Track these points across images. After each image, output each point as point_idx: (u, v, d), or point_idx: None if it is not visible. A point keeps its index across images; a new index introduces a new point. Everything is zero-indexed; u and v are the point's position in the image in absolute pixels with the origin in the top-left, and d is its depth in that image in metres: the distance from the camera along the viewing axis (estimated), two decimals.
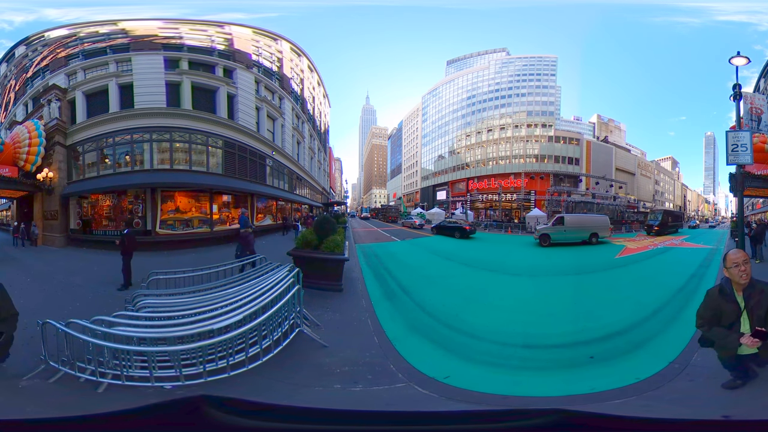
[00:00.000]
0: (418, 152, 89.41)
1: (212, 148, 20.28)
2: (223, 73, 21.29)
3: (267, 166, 24.89)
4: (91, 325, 4.49)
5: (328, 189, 55.80)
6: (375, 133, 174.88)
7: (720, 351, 3.58)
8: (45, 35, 21.38)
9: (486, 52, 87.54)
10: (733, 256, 3.48)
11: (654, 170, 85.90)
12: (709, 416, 3.16)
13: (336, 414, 3.06)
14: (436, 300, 8.40)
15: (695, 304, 3.71)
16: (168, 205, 18.67)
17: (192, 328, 4.55)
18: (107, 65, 19.35)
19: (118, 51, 19.51)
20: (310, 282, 7.94)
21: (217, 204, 20.86)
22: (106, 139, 18.76)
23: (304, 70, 35.06)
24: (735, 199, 12.72)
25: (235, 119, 21.48)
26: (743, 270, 3.39)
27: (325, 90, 47.75)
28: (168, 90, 19.21)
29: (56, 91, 18.96)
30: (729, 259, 3.47)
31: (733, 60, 10.49)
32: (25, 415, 3.11)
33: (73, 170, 19.07)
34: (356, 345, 5.48)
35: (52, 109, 18.75)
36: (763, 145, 16.70)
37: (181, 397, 3.79)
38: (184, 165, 19.20)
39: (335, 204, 58.22)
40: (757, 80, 34.98)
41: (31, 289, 8.80)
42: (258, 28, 25.32)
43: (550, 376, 4.68)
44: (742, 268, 3.39)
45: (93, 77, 19.39)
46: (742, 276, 3.39)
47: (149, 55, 19.37)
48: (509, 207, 57.63)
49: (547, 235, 21.64)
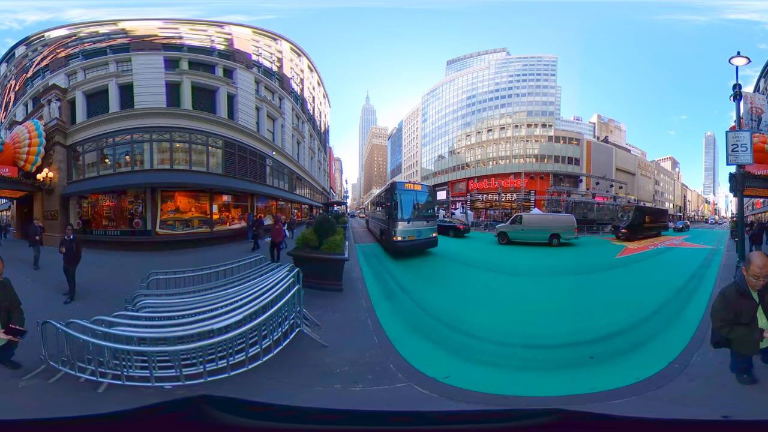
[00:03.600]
0: (418, 152, 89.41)
1: (212, 148, 20.28)
2: (223, 73, 21.28)
3: (267, 166, 24.88)
4: (91, 325, 4.49)
5: (328, 189, 55.80)
6: (375, 133, 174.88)
7: (744, 349, 3.54)
8: (45, 35, 21.37)
9: (486, 52, 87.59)
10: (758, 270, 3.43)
11: (654, 170, 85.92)
12: (709, 416, 3.16)
13: (336, 414, 3.06)
14: (435, 298, 8.40)
15: (695, 304, 3.70)
16: (168, 205, 18.66)
17: (192, 328, 4.55)
18: (107, 65, 19.34)
19: (118, 51, 19.51)
20: (310, 282, 7.93)
21: (217, 204, 20.86)
22: (106, 139, 18.75)
23: (304, 70, 35.06)
24: (735, 199, 12.71)
25: (235, 119, 21.48)
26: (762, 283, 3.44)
27: (325, 90, 47.76)
28: (168, 90, 19.20)
29: (56, 91, 18.96)
30: (753, 270, 3.45)
31: (733, 60, 10.48)
32: (25, 415, 3.11)
33: (73, 170, 19.06)
34: (356, 345, 5.47)
35: (52, 109, 18.75)
36: (763, 145, 16.68)
37: (181, 397, 3.79)
38: (184, 165, 19.19)
39: (335, 204, 58.19)
40: (757, 80, 34.98)
41: (31, 289, 8.79)
42: (258, 28, 25.33)
43: (550, 376, 4.68)
44: (762, 282, 3.42)
45: (93, 77, 19.38)
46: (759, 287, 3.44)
47: (149, 55, 19.36)
48: (509, 207, 57.61)
49: (505, 233, 21.20)
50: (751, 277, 3.45)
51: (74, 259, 8.32)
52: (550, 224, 22.38)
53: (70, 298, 8.00)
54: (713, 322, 3.61)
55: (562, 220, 23.58)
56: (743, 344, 3.50)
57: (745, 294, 3.47)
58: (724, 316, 3.52)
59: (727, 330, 3.50)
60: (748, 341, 3.45)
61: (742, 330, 3.44)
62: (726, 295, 3.55)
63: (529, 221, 21.80)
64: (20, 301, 4.49)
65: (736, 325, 3.47)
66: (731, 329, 3.48)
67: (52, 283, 8.99)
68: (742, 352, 3.58)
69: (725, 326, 3.51)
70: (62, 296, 8.08)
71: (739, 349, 3.58)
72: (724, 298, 3.56)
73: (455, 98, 75.69)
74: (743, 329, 3.44)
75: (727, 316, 3.50)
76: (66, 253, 8.34)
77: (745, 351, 3.56)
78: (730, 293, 3.53)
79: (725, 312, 3.52)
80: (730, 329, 3.49)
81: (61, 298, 8.02)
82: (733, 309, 3.48)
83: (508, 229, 21.46)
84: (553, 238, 21.23)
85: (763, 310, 3.46)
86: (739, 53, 10.45)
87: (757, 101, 16.67)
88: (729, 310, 3.49)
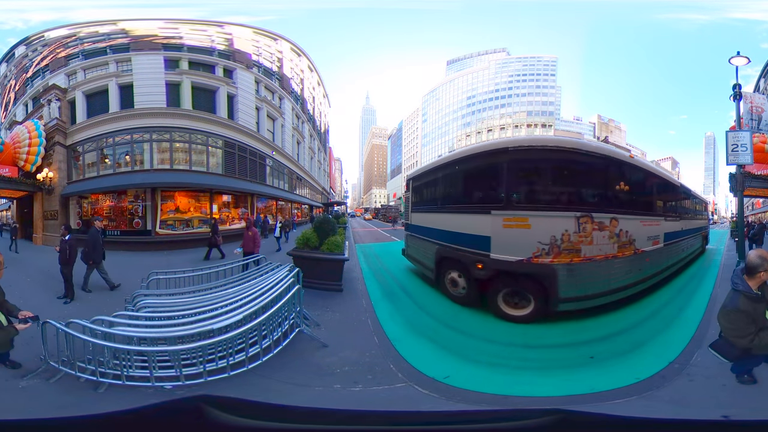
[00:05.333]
0: (418, 152, 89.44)
1: (212, 148, 20.29)
2: (223, 73, 21.30)
3: (267, 166, 24.88)
4: (92, 325, 4.49)
5: (328, 189, 55.80)
6: (375, 133, 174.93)
7: None
8: (45, 35, 21.37)
9: (486, 53, 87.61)
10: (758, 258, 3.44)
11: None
12: (709, 416, 3.17)
13: (336, 414, 3.06)
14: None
15: (696, 304, 3.69)
16: (168, 205, 18.67)
17: (192, 328, 4.55)
18: (107, 65, 19.36)
19: (118, 51, 19.53)
20: (310, 282, 7.94)
21: (217, 204, 20.86)
22: (106, 139, 18.77)
23: (304, 70, 35.07)
24: (735, 199, 12.71)
25: (235, 119, 21.49)
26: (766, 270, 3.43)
27: (325, 90, 47.77)
28: (168, 90, 19.23)
29: (56, 91, 18.97)
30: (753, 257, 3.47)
31: (732, 60, 10.48)
32: (25, 415, 3.11)
33: (73, 170, 19.08)
34: (356, 345, 5.47)
35: (52, 109, 18.76)
36: (763, 145, 16.69)
37: (181, 397, 3.79)
38: (184, 165, 19.21)
39: (335, 204, 58.18)
40: (757, 80, 34.98)
41: (31, 289, 8.80)
42: (258, 28, 25.33)
43: (550, 376, 4.68)
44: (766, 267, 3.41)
45: (93, 77, 19.40)
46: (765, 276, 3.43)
47: (149, 55, 19.38)
48: None
49: None
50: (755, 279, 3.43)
51: (69, 259, 8.25)
52: None
53: (69, 298, 7.99)
54: (737, 341, 3.45)
55: None
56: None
57: (755, 298, 3.42)
58: (748, 329, 3.39)
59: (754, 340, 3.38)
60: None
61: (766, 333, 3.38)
62: (741, 308, 3.40)
63: None
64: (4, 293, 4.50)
65: (761, 331, 3.37)
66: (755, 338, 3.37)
67: (52, 283, 8.99)
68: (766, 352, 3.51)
69: (750, 337, 3.39)
70: (58, 298, 8.04)
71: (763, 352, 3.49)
72: (740, 312, 3.40)
73: (455, 98, 75.74)
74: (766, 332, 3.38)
75: (749, 327, 3.38)
76: (60, 253, 8.29)
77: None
78: (744, 304, 3.40)
79: (745, 324, 3.40)
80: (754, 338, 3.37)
81: (61, 298, 8.02)
82: (752, 318, 3.39)
83: None
84: None
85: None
86: (739, 53, 10.45)
87: (757, 101, 16.68)
88: (750, 321, 3.39)
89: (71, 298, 7.98)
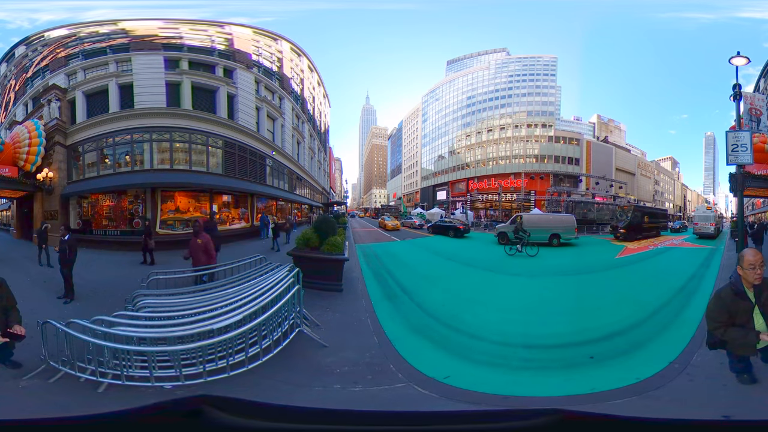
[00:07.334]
0: (418, 152, 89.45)
1: (212, 148, 20.28)
2: (223, 73, 21.29)
3: (267, 166, 24.88)
4: (92, 325, 4.48)
5: (328, 189, 55.79)
6: (375, 133, 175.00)
7: (739, 350, 3.52)
8: (45, 35, 21.37)
9: (486, 53, 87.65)
10: (751, 258, 3.46)
11: (654, 170, 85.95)
12: (709, 416, 3.16)
13: (336, 414, 3.06)
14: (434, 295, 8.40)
15: (695, 304, 3.70)
16: (168, 205, 18.67)
17: (192, 328, 4.55)
18: (107, 65, 19.35)
19: (118, 51, 19.51)
20: (310, 282, 7.93)
21: (217, 204, 20.86)
22: (106, 139, 18.76)
23: (304, 70, 35.06)
24: (735, 199, 12.70)
25: (235, 119, 21.48)
26: (759, 273, 3.41)
27: (325, 90, 47.78)
28: (168, 90, 19.21)
29: (56, 91, 18.96)
30: (746, 261, 3.46)
31: (732, 60, 10.48)
32: (25, 415, 3.11)
33: (73, 170, 19.07)
34: (356, 345, 5.47)
35: (52, 109, 18.75)
36: (763, 145, 16.68)
37: (181, 397, 3.79)
38: (184, 165, 19.20)
39: (335, 204, 58.16)
40: (757, 80, 34.97)
41: (31, 288, 8.80)
42: (258, 28, 25.33)
43: (550, 376, 4.68)
44: (759, 271, 3.41)
45: (93, 77, 19.39)
46: (757, 278, 3.41)
47: (149, 55, 19.36)
48: (509, 207, 57.65)
49: (505, 233, 20.99)
50: (747, 269, 3.44)
51: (69, 259, 8.23)
52: (550, 224, 22.42)
53: (69, 298, 7.97)
54: (708, 323, 3.59)
55: (562, 220, 23.64)
56: (738, 346, 3.49)
57: (741, 294, 3.46)
58: (719, 318, 3.50)
59: (722, 331, 3.48)
60: (743, 343, 3.44)
61: (737, 331, 3.43)
62: (721, 296, 3.53)
63: (529, 221, 21.72)
64: (16, 300, 4.47)
65: (730, 327, 3.46)
66: (725, 330, 3.47)
67: (52, 283, 8.99)
68: (738, 353, 3.57)
69: (719, 327, 3.49)
70: (58, 298, 8.02)
71: (734, 350, 3.57)
72: (719, 299, 3.54)
73: (455, 98, 75.74)
74: (738, 331, 3.43)
75: (721, 317, 3.48)
76: (60, 253, 8.27)
77: (741, 352, 3.55)
78: (726, 294, 3.51)
79: (718, 314, 3.50)
80: (724, 330, 3.47)
81: (61, 298, 8.01)
82: (728, 310, 3.47)
83: (508, 230, 21.46)
84: (553, 238, 21.30)
85: (760, 311, 3.44)
86: (739, 53, 10.45)
87: (756, 101, 16.67)
88: (724, 311, 3.48)
89: (71, 298, 7.97)
